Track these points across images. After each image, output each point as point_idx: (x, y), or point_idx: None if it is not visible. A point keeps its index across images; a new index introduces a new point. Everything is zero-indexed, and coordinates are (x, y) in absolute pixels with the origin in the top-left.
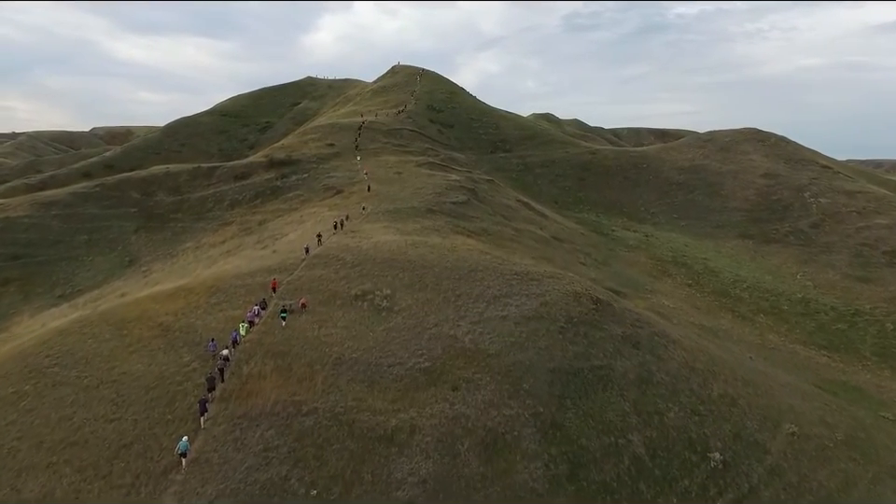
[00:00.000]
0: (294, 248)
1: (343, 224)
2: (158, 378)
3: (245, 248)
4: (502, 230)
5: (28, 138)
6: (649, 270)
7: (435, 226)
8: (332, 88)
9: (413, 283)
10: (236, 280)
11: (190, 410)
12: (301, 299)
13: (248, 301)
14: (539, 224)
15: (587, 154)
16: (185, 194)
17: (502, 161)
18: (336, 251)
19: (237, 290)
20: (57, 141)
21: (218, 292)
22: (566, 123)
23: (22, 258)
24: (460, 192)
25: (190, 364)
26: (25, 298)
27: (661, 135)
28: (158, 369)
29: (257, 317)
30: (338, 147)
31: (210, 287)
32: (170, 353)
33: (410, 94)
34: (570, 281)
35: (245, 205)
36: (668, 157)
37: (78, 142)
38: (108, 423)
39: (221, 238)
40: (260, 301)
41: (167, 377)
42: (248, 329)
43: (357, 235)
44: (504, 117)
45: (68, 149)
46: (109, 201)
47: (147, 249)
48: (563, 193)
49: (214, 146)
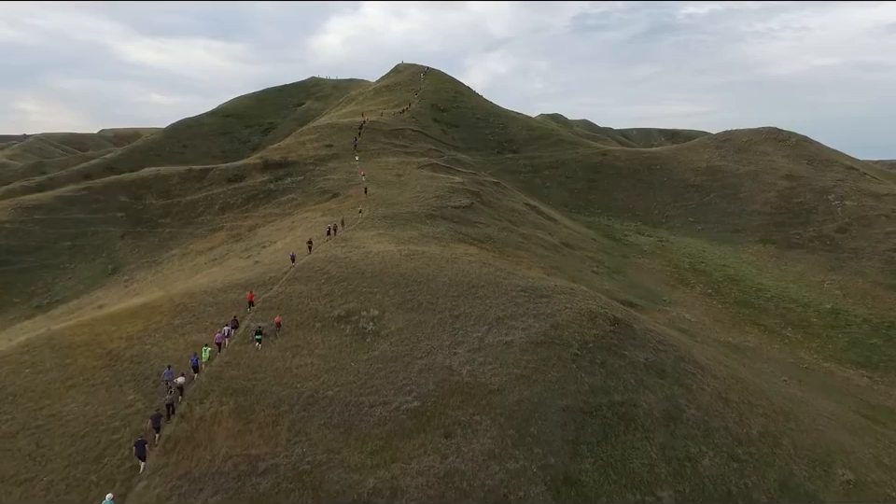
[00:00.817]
0: (279, 259)
1: (336, 230)
2: (90, 423)
3: (232, 256)
4: (508, 236)
5: (36, 140)
6: (665, 278)
7: (435, 233)
8: (337, 88)
9: (405, 301)
10: (207, 297)
11: (121, 468)
12: (276, 317)
13: (217, 322)
14: (548, 229)
15: (598, 155)
16: (175, 198)
17: (509, 162)
18: (322, 263)
19: (206, 310)
20: (65, 143)
21: (185, 311)
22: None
23: (1, 265)
24: (464, 196)
25: (133, 404)
26: (1, 308)
27: (672, 136)
28: (93, 410)
29: (227, 338)
30: (336, 149)
31: (177, 305)
32: (113, 389)
33: (413, 93)
34: (584, 297)
35: (236, 210)
36: (683, 158)
37: (86, 143)
38: (17, 486)
39: (209, 245)
40: (232, 320)
41: (102, 422)
42: (211, 353)
43: (347, 244)
44: (511, 117)
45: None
46: (97, 205)
47: (133, 256)
48: (573, 196)
49: (216, 147)
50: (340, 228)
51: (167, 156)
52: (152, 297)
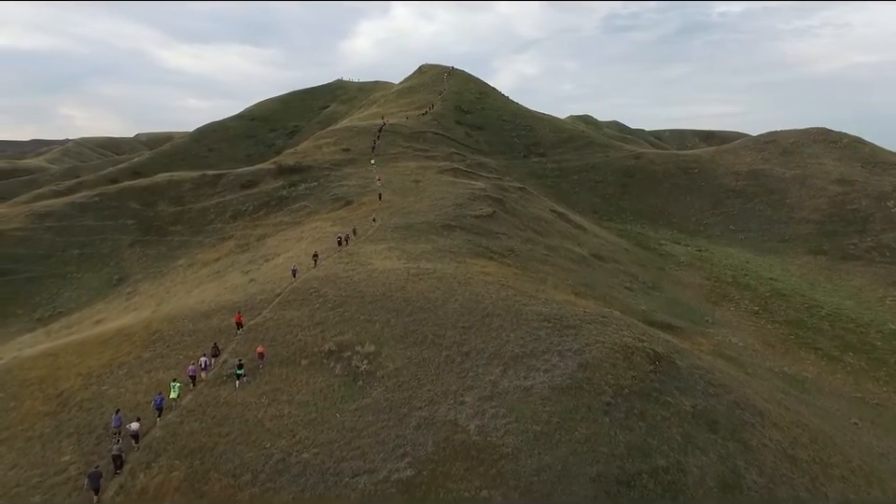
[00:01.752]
0: (276, 276)
1: (347, 240)
2: (7, 495)
3: (234, 270)
4: (532, 249)
5: (75, 144)
6: (706, 293)
7: (450, 246)
8: (362, 90)
9: (407, 333)
10: (187, 323)
11: None
12: (258, 346)
13: (191, 356)
14: (577, 239)
15: (630, 158)
16: (187, 204)
17: (536, 166)
18: (319, 283)
19: (182, 340)
20: (102, 147)
21: (159, 341)
22: (605, 125)
23: (8, 274)
24: (485, 203)
25: (66, 469)
26: (3, 320)
27: (706, 137)
28: (17, 476)
29: (204, 371)
30: (353, 153)
31: (152, 334)
32: (49, 445)
33: (436, 95)
34: (618, 326)
35: (247, 217)
36: (723, 161)
37: (122, 147)
38: None
39: (216, 255)
40: (212, 348)
41: (21, 494)
42: (181, 390)
43: (352, 260)
44: (538, 118)
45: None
46: (108, 211)
47: (140, 266)
48: (603, 202)
49: (241, 151)
50: (352, 238)
51: (192, 160)
52: (128, 321)
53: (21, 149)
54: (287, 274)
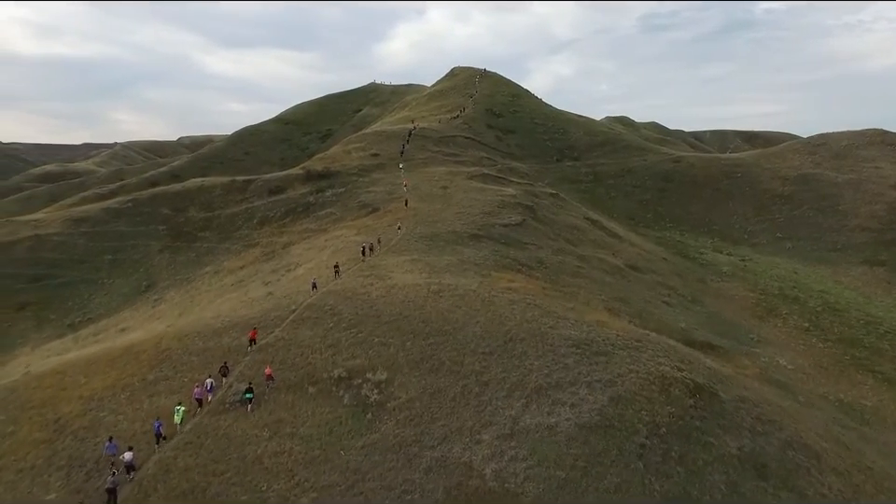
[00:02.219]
0: (295, 288)
1: (372, 249)
2: None
3: (256, 280)
4: (563, 260)
5: (122, 148)
6: (751, 307)
7: (476, 258)
8: (395, 93)
9: (423, 359)
10: (198, 340)
11: None
12: (267, 368)
13: (196, 378)
14: (612, 248)
15: (669, 162)
16: (216, 210)
17: (569, 170)
18: (336, 299)
19: (190, 360)
20: (147, 150)
21: (166, 361)
22: (642, 126)
23: (44, 279)
24: (515, 211)
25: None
26: (38, 325)
27: (749, 138)
28: None
29: (210, 392)
30: (382, 158)
31: (161, 352)
32: (39, 479)
33: (468, 98)
34: (654, 352)
35: (274, 224)
36: (769, 164)
37: (166, 150)
38: None
39: (241, 263)
40: (221, 367)
41: None
42: (185, 415)
43: (372, 273)
44: (573, 120)
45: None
46: (140, 217)
47: (168, 272)
48: (640, 208)
49: (276, 154)
50: (376, 247)
51: (229, 163)
52: (140, 337)
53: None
54: (306, 288)
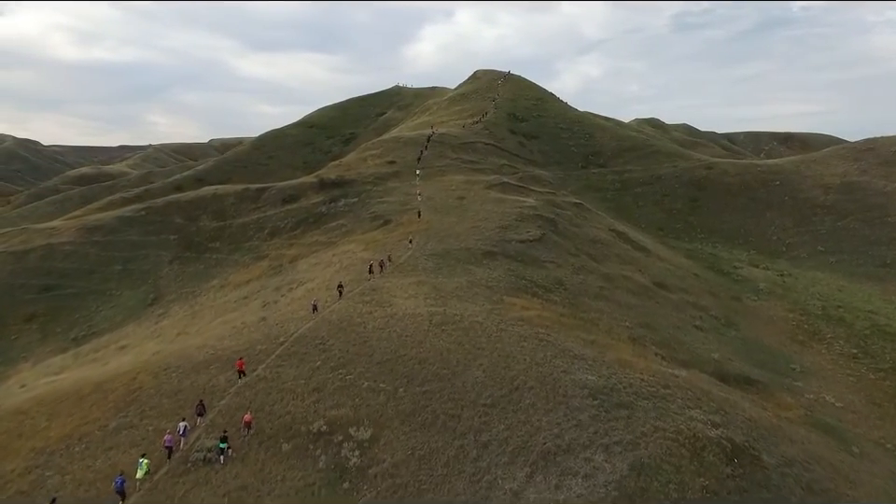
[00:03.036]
0: (290, 313)
1: (383, 266)
2: None
3: (258, 298)
4: (585, 280)
5: (154, 150)
6: (791, 330)
7: (488, 279)
8: (419, 96)
9: (416, 410)
10: (173, 377)
11: None
12: (246, 414)
13: (164, 428)
14: (638, 263)
15: (701, 168)
16: (228, 219)
17: (595, 178)
18: (328, 331)
19: (161, 402)
20: (178, 153)
21: (135, 403)
22: (673, 128)
23: (54, 289)
24: (534, 224)
25: None
26: (43, 338)
27: (785, 139)
28: None
29: (183, 437)
30: (399, 166)
31: (132, 392)
32: None
33: (490, 102)
34: (683, 401)
35: (284, 235)
36: (810, 172)
37: (196, 153)
38: None
39: (247, 277)
40: (197, 405)
41: None
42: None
43: (373, 298)
44: (600, 125)
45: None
46: (152, 226)
47: (176, 285)
48: (670, 218)
49: (299, 158)
50: (386, 264)
51: (252, 167)
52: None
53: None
54: (302, 313)
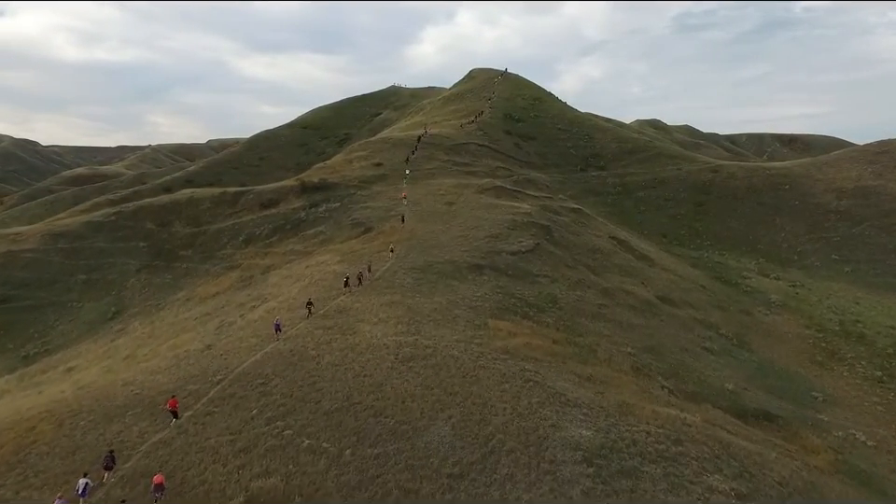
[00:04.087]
0: (240, 342)
1: (361, 280)
2: None
3: (220, 314)
4: (582, 296)
5: (151, 151)
6: (808, 349)
7: (472, 298)
8: (415, 96)
9: (363, 482)
10: (81, 425)
11: None
12: (157, 475)
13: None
14: (641, 275)
15: (706, 171)
16: (203, 225)
17: (595, 181)
18: (275, 366)
19: (54, 465)
20: (175, 153)
21: (23, 463)
22: (675, 130)
23: (11, 301)
24: (528, 233)
25: None
26: None
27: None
28: None
29: (83, 496)
30: (386, 168)
31: (27, 447)
32: None
33: (485, 101)
34: (699, 462)
35: (259, 243)
36: (821, 175)
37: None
38: None
39: (215, 289)
40: (106, 456)
41: None
42: None
43: (336, 324)
44: (600, 126)
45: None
46: (122, 232)
47: (141, 297)
48: (674, 224)
49: (292, 159)
50: (366, 275)
51: (244, 169)
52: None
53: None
54: (253, 340)
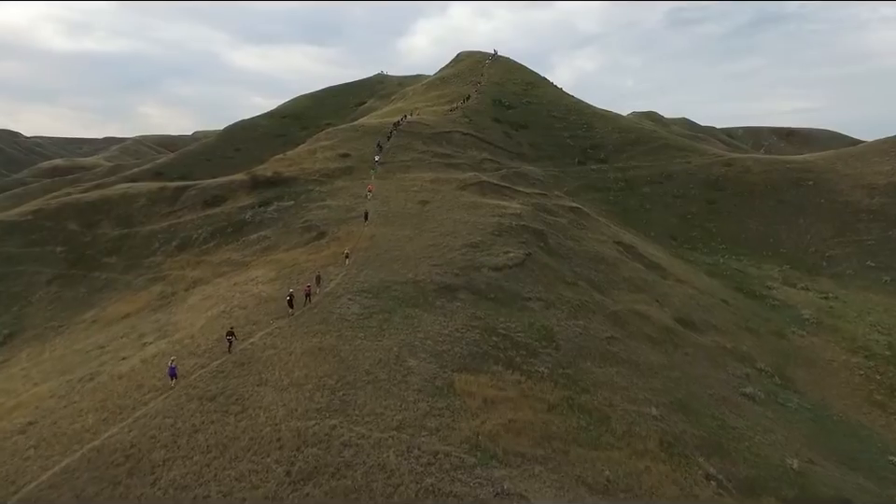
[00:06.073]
0: (88, 413)
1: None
2: None
3: (110, 350)
4: (586, 328)
5: (134, 142)
6: (861, 385)
7: (437, 340)
8: (402, 85)
9: None
10: None
11: None
12: None
13: None
14: (654, 290)
15: (719, 165)
16: (135, 226)
17: (594, 175)
18: (83, 484)
19: None
20: (160, 144)
21: None
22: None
23: None
24: (517, 240)
25: None
26: None
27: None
28: None
29: None
30: (353, 160)
31: None
32: None
33: (473, 86)
34: None
35: (194, 249)
36: (848, 169)
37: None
38: None
39: (128, 309)
40: None
41: None
42: None
43: (227, 386)
44: (599, 115)
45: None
46: (38, 234)
47: (45, 315)
48: (684, 224)
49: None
50: (314, 290)
51: (217, 161)
52: None
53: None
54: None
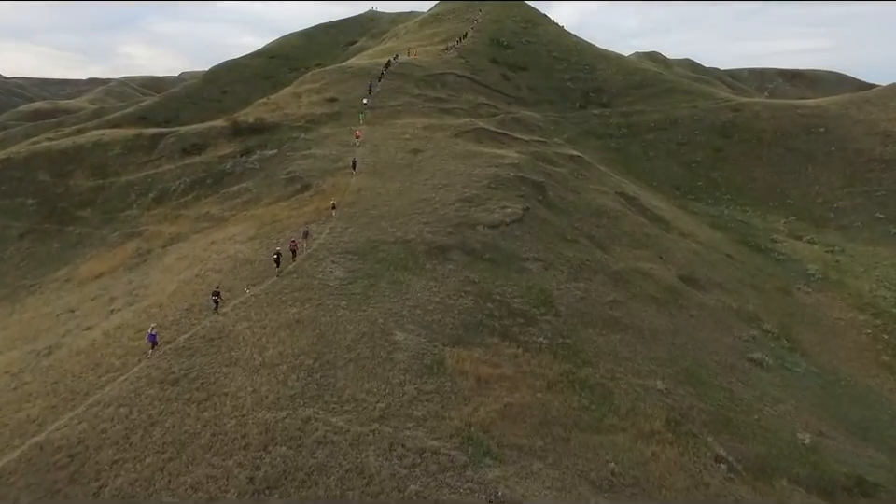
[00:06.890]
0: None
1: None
2: None
3: (76, 319)
4: (588, 290)
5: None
6: (869, 344)
7: (426, 309)
8: (395, 22)
9: None
10: None
11: None
12: None
13: None
14: (657, 246)
15: (727, 110)
16: (110, 177)
17: (596, 121)
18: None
19: None
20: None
21: None
22: (675, 63)
23: None
24: (514, 193)
25: None
26: None
27: (792, 77)
28: None
29: None
30: (341, 105)
31: None
32: None
33: (469, 24)
34: None
35: (172, 202)
36: (862, 115)
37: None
38: None
39: (102, 268)
40: None
41: None
42: None
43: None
44: (602, 55)
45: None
46: (7, 185)
47: (17, 273)
48: (689, 174)
49: (257, 93)
50: (301, 246)
51: (203, 104)
52: None
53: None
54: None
